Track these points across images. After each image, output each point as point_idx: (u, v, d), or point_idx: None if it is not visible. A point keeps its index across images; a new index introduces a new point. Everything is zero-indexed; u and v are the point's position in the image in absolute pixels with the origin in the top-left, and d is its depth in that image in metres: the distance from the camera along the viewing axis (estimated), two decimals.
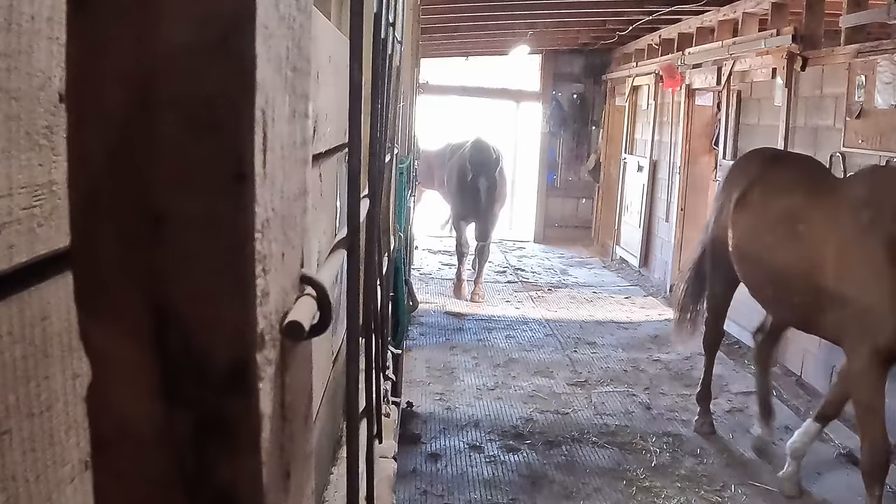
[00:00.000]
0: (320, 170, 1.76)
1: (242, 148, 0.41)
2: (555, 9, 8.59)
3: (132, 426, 0.42)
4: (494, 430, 4.90)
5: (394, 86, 2.58)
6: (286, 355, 0.49)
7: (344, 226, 1.07)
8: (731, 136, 7.15)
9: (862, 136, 5.02)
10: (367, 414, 1.65)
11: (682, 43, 8.59)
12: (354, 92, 0.98)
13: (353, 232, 1.00)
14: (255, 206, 0.42)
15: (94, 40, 0.41)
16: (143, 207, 0.41)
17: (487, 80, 12.93)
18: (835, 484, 4.25)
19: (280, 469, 0.48)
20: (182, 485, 0.43)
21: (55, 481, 0.65)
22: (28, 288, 0.61)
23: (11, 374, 0.58)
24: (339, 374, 2.33)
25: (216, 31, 0.40)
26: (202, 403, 0.42)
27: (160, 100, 0.41)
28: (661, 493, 4.11)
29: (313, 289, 0.55)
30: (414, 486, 4.15)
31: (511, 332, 7.21)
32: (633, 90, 10.39)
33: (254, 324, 0.43)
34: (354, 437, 1.01)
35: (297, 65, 0.52)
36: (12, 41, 0.57)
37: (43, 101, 0.62)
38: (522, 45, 11.01)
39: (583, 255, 11.46)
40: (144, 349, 0.42)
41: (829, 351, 5.36)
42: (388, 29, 1.76)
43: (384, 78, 1.68)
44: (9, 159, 0.57)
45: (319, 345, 1.66)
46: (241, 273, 0.42)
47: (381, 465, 1.93)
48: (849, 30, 5.30)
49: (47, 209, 0.63)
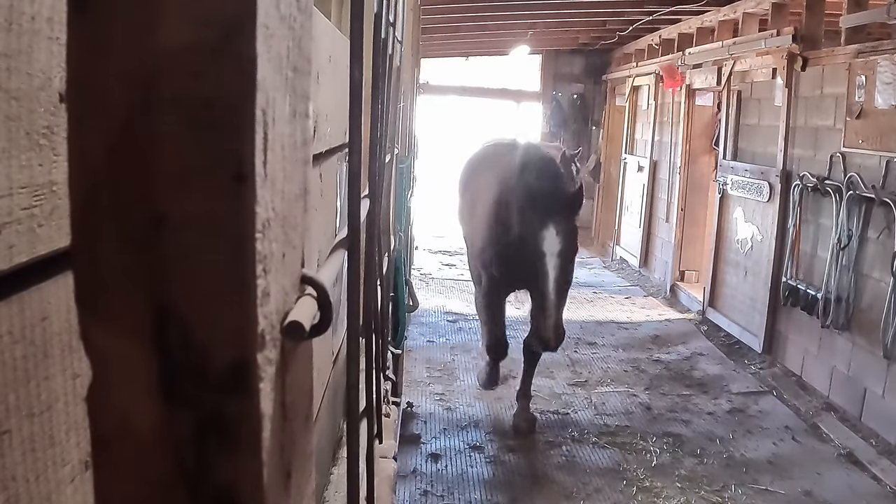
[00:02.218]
0: (320, 170, 1.76)
1: (243, 148, 0.41)
2: (555, 9, 8.59)
3: (132, 426, 0.42)
4: (494, 430, 4.90)
5: (394, 86, 2.58)
6: (287, 355, 0.49)
7: (344, 226, 1.07)
8: (732, 137, 7.15)
9: (862, 136, 5.02)
10: (367, 414, 1.65)
11: (682, 43, 8.59)
12: (354, 92, 0.98)
13: (353, 232, 1.00)
14: (255, 207, 0.42)
15: (94, 40, 0.41)
16: (144, 207, 0.41)
17: (487, 80, 12.93)
18: (835, 484, 4.24)
19: (281, 469, 0.48)
20: (183, 485, 0.43)
21: (55, 481, 0.65)
22: (28, 288, 0.61)
23: (11, 374, 0.58)
24: (339, 374, 2.33)
25: (217, 32, 0.40)
26: (203, 403, 0.42)
27: (161, 100, 0.41)
28: (661, 493, 4.10)
29: (314, 289, 0.55)
30: (414, 486, 4.15)
31: (511, 332, 7.19)
32: (634, 90, 10.39)
33: (254, 324, 0.43)
34: (354, 437, 1.01)
35: (298, 65, 0.52)
36: (12, 41, 0.57)
37: (43, 101, 0.62)
38: (522, 45, 11.02)
39: (583, 256, 11.40)
40: (145, 349, 0.42)
41: (829, 351, 5.36)
42: (388, 29, 1.76)
43: (384, 78, 1.68)
44: (9, 159, 0.57)
45: (320, 345, 1.66)
46: (241, 273, 0.42)
47: (381, 465, 1.93)
48: (849, 30, 5.30)
49: (47, 209, 0.63)
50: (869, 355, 4.84)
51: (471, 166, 5.67)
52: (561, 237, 4.23)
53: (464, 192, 5.59)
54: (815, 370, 5.55)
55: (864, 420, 4.85)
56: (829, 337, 5.33)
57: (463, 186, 5.65)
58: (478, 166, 5.49)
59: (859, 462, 4.46)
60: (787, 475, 4.34)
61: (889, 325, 4.53)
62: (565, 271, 4.33)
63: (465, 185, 5.61)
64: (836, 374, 5.27)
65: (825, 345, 5.42)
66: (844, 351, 5.15)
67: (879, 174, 4.81)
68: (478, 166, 5.49)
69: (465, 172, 5.70)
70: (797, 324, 5.81)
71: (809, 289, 5.58)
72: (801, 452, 4.67)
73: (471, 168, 5.64)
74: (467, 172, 5.66)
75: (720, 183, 7.27)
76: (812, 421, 5.09)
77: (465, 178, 5.63)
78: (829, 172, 5.41)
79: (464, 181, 5.65)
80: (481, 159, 5.59)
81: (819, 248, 5.57)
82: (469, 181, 5.51)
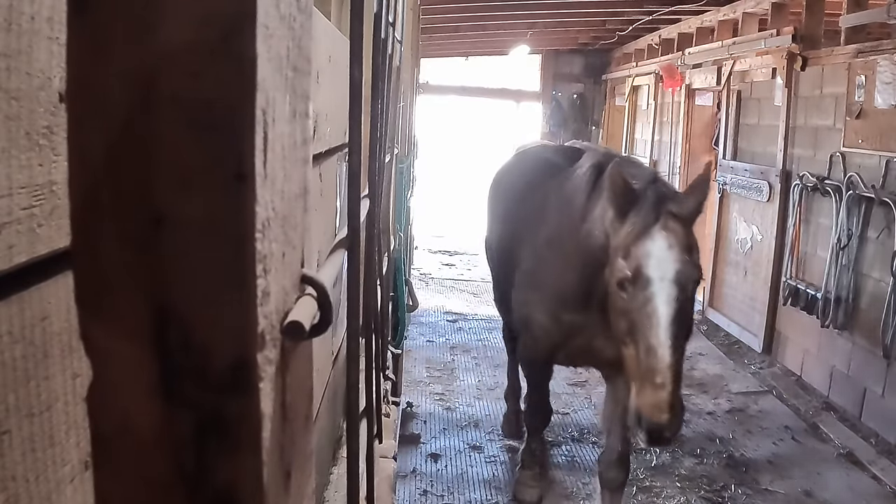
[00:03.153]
0: (320, 170, 1.76)
1: (243, 148, 0.41)
2: (555, 9, 8.59)
3: (133, 426, 0.42)
4: (494, 430, 4.89)
5: (394, 86, 2.58)
6: (286, 355, 0.49)
7: (344, 226, 1.07)
8: (731, 136, 7.15)
9: (862, 136, 5.02)
10: (367, 414, 1.65)
11: (682, 43, 8.59)
12: (354, 92, 0.98)
13: (353, 232, 1.00)
14: (255, 206, 0.42)
15: (94, 40, 0.41)
16: (144, 207, 0.41)
17: (487, 80, 12.93)
18: (834, 484, 4.25)
19: (281, 469, 0.48)
20: (182, 485, 0.43)
21: (55, 481, 0.65)
22: (28, 288, 0.61)
23: (11, 374, 0.58)
24: (339, 374, 2.33)
25: (217, 31, 0.40)
26: (203, 403, 0.42)
27: (160, 100, 0.41)
28: (661, 493, 4.10)
29: (314, 289, 0.55)
30: (414, 486, 4.15)
31: None
32: (633, 90, 10.39)
33: (254, 324, 0.43)
34: (354, 437, 1.01)
35: (298, 65, 0.52)
36: (12, 41, 0.57)
37: (43, 101, 0.62)
38: (522, 45, 11.02)
39: None
40: (145, 349, 0.42)
41: (829, 351, 5.36)
42: (388, 29, 1.76)
43: (384, 78, 1.68)
44: (9, 159, 0.57)
45: (320, 345, 1.66)
46: (241, 273, 0.42)
47: (381, 465, 1.93)
48: (849, 30, 5.30)
49: (47, 209, 0.63)
50: (869, 355, 4.84)
51: (514, 182, 4.18)
52: (677, 252, 2.68)
53: (507, 217, 4.05)
54: (815, 370, 5.55)
55: (864, 420, 4.85)
56: (829, 337, 5.33)
57: (504, 209, 4.15)
58: (528, 180, 3.94)
59: (859, 462, 4.46)
60: (787, 475, 4.34)
61: (889, 324, 4.53)
62: (685, 311, 2.75)
63: (508, 207, 4.09)
64: (835, 374, 5.27)
65: (825, 344, 5.42)
66: (844, 351, 5.15)
67: (879, 174, 4.81)
68: (528, 180, 3.94)
69: (506, 191, 4.22)
70: (797, 323, 5.81)
71: (809, 288, 5.58)
72: (801, 452, 4.67)
73: (515, 184, 4.14)
74: (508, 191, 4.17)
75: (720, 183, 7.27)
76: (812, 421, 5.09)
77: (509, 197, 4.13)
78: (828, 172, 5.41)
79: (507, 200, 4.14)
80: (530, 172, 4.04)
81: (819, 248, 5.57)
82: (516, 200, 3.96)
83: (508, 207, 4.08)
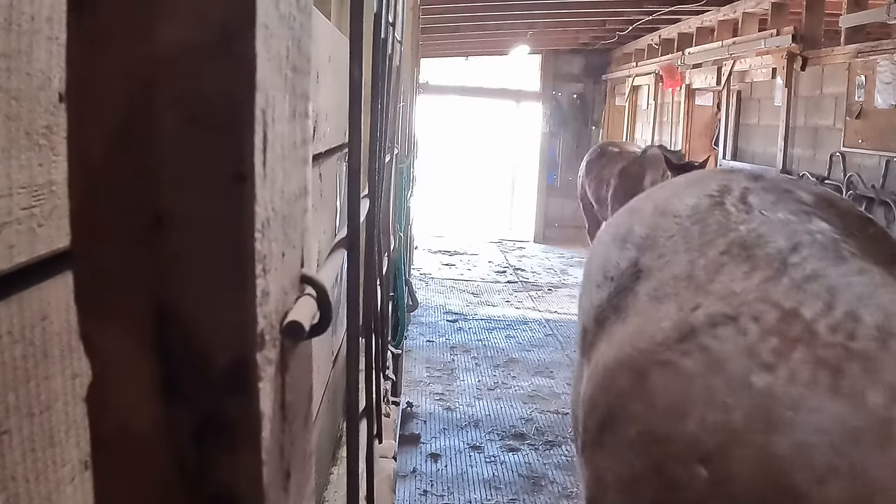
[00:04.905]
0: (320, 170, 1.76)
1: (242, 148, 0.41)
2: (555, 9, 8.59)
3: (132, 426, 0.42)
4: (494, 430, 4.90)
5: (394, 86, 2.58)
6: (286, 355, 0.49)
7: (344, 226, 1.07)
8: (731, 136, 7.15)
9: (862, 136, 5.02)
10: (367, 414, 1.65)
11: (682, 43, 8.59)
12: (354, 92, 0.98)
13: (353, 232, 1.00)
14: (255, 206, 0.42)
15: (94, 40, 0.41)
16: (144, 207, 0.41)
17: (487, 80, 12.93)
18: None
19: (280, 469, 0.48)
20: (182, 485, 0.43)
21: (55, 481, 0.65)
22: (28, 288, 0.61)
23: (11, 374, 0.58)
24: (339, 374, 2.33)
25: (216, 31, 0.40)
26: (202, 403, 0.42)
27: (160, 100, 0.41)
28: None
29: (313, 289, 0.55)
30: (414, 486, 4.15)
31: (511, 332, 7.20)
32: (633, 90, 10.39)
33: (254, 324, 0.43)
34: (354, 437, 1.01)
35: (298, 65, 0.52)
36: (12, 41, 0.57)
37: (43, 101, 0.62)
38: (522, 45, 11.02)
39: (583, 255, 11.44)
40: (144, 349, 0.42)
41: None
42: (388, 29, 1.76)
43: (384, 78, 1.68)
44: (9, 159, 0.57)
45: (319, 345, 1.66)
46: (241, 273, 0.42)
47: (381, 465, 1.93)
48: (849, 30, 5.30)
49: (47, 209, 0.63)
50: None
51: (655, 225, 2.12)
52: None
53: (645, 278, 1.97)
54: None
55: None
56: None
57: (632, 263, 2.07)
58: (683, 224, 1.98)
59: None
60: None
61: None
62: None
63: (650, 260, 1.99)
64: None
65: None
66: None
67: (879, 174, 4.81)
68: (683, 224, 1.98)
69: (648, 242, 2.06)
70: None
71: None
72: None
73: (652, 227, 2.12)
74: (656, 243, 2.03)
75: None
76: None
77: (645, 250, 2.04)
78: (828, 172, 5.41)
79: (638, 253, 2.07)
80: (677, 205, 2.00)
81: None
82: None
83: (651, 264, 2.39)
